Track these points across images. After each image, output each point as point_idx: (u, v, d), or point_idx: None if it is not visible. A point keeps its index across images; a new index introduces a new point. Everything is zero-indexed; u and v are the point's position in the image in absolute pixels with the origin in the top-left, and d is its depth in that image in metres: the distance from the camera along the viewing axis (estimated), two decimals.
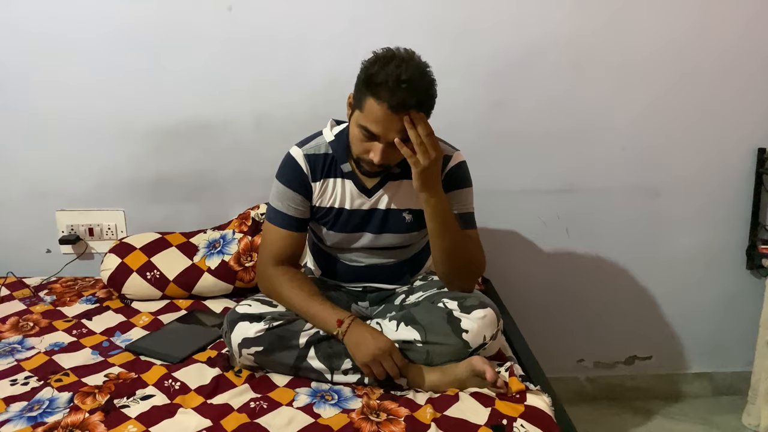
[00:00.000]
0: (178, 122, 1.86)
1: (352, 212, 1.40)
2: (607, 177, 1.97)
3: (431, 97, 1.24)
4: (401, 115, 1.20)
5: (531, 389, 1.23)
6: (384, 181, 1.39)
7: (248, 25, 1.79)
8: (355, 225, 1.42)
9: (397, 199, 1.40)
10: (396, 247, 1.46)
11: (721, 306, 2.09)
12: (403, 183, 1.39)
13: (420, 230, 1.44)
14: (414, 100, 1.20)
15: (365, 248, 1.45)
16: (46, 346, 1.46)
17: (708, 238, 2.03)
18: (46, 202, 1.91)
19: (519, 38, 1.84)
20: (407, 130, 1.21)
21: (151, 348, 1.42)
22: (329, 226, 1.42)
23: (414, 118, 1.21)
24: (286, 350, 1.28)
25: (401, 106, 1.19)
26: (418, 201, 1.37)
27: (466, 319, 1.28)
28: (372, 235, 1.42)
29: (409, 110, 1.20)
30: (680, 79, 1.90)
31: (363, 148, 1.27)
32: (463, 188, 1.40)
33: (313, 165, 1.38)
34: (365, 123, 1.23)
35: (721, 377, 2.15)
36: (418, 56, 1.25)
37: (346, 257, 1.48)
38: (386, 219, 1.41)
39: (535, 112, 1.90)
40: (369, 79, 1.21)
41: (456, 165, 1.40)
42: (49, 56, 1.80)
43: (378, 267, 1.48)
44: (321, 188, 1.39)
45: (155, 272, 1.69)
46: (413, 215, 1.41)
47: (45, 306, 1.67)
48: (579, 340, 2.12)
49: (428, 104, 1.25)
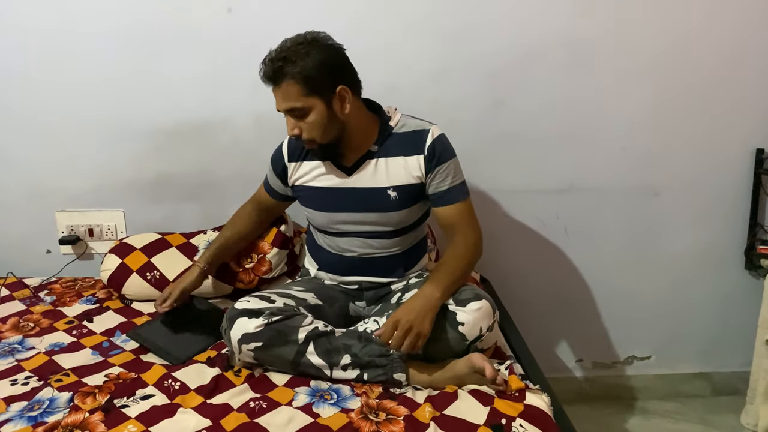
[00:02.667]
0: (178, 122, 1.86)
1: (330, 190, 1.46)
2: (606, 177, 1.97)
3: (293, 62, 1.30)
4: (276, 87, 1.33)
5: (530, 388, 1.24)
6: (362, 161, 1.44)
7: (248, 25, 1.79)
8: (336, 204, 1.47)
9: (378, 177, 1.44)
10: (385, 230, 1.47)
11: (719, 306, 2.09)
12: (381, 161, 1.43)
13: (407, 208, 1.46)
14: (274, 70, 1.31)
15: (355, 232, 1.47)
16: (46, 346, 1.46)
17: (707, 238, 2.03)
18: (46, 203, 1.91)
19: (519, 38, 1.84)
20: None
21: (154, 341, 1.43)
22: (313, 205, 1.51)
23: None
24: (285, 345, 1.29)
25: (268, 78, 1.33)
26: (400, 177, 1.42)
27: (462, 312, 1.29)
28: (357, 214, 1.46)
29: (277, 81, 1.32)
30: (680, 79, 1.90)
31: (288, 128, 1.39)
32: (447, 161, 1.44)
33: (292, 148, 1.52)
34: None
35: (720, 377, 2.15)
36: (314, 33, 1.34)
37: (338, 246, 1.50)
38: (369, 197, 1.44)
39: (534, 112, 1.90)
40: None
41: (437, 138, 1.44)
42: (49, 56, 1.80)
43: (371, 259, 1.49)
44: (296, 168, 1.51)
45: (155, 273, 1.69)
46: (398, 192, 1.44)
47: (45, 306, 1.67)
48: (578, 340, 2.12)
49: (290, 70, 1.30)
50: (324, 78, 1.33)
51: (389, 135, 1.44)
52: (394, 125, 1.45)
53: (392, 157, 1.43)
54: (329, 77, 1.34)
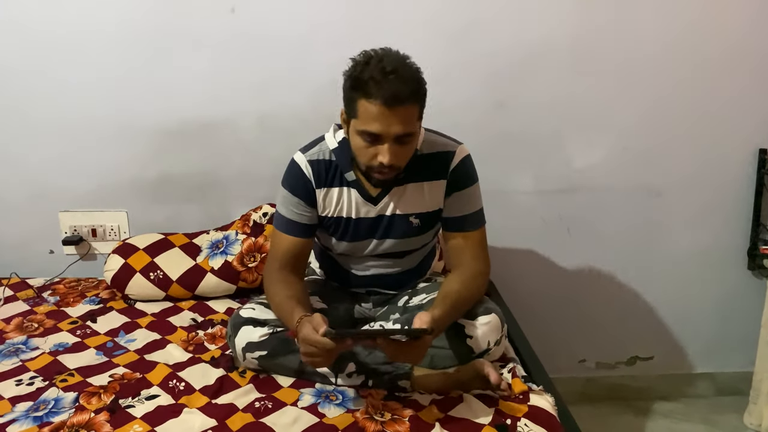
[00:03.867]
0: (181, 122, 1.85)
1: (359, 221, 1.37)
2: (608, 177, 1.96)
3: (421, 83, 1.21)
4: (397, 108, 1.16)
5: (534, 389, 1.24)
6: (389, 188, 1.34)
7: (251, 25, 1.79)
8: (362, 234, 1.39)
9: (403, 204, 1.36)
10: (403, 253, 1.43)
11: (722, 306, 2.09)
12: (407, 187, 1.35)
13: (427, 233, 1.42)
14: (406, 89, 1.16)
15: (373, 255, 1.42)
16: (50, 346, 1.46)
17: (709, 239, 2.03)
18: (49, 203, 1.91)
19: (520, 37, 1.83)
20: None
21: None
22: (338, 236, 1.40)
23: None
24: (290, 354, 1.27)
25: (394, 98, 1.15)
26: (424, 204, 1.35)
27: (470, 325, 1.28)
28: (377, 240, 1.40)
29: (403, 102, 1.16)
30: (682, 79, 1.90)
31: (369, 155, 1.22)
32: (469, 186, 1.36)
33: (317, 171, 1.34)
34: (364, 127, 1.19)
35: (723, 377, 2.15)
36: (395, 50, 1.22)
37: (354, 266, 1.46)
38: (391, 224, 1.37)
39: (536, 112, 1.89)
40: (355, 81, 1.19)
41: (461, 161, 1.35)
42: (51, 56, 1.80)
43: (385, 275, 1.46)
44: (325, 196, 1.35)
45: (158, 273, 1.69)
46: (420, 219, 1.38)
47: (49, 307, 1.67)
48: (580, 341, 2.12)
49: (420, 91, 1.21)
50: (425, 101, 1.24)
51: (414, 158, 1.30)
52: (419, 147, 1.32)
53: (416, 182, 1.34)
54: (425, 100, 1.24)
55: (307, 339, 1.11)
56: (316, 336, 1.10)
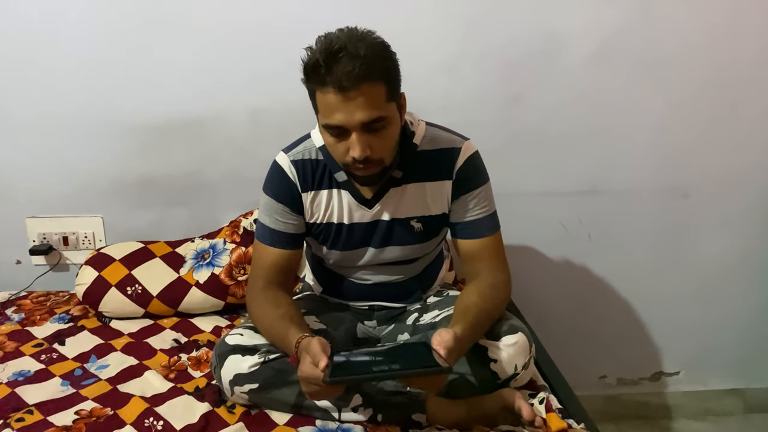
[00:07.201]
0: (165, 118, 1.72)
1: (352, 226, 1.23)
2: (632, 178, 1.86)
3: (382, 57, 1.03)
4: (353, 91, 0.99)
5: (574, 428, 1.08)
6: (385, 189, 1.21)
7: (243, 13, 1.66)
8: (357, 241, 1.25)
9: (403, 207, 1.23)
10: (405, 260, 1.30)
11: (754, 317, 2.01)
12: (407, 188, 1.21)
13: (431, 239, 1.28)
14: (360, 67, 0.98)
15: (372, 264, 1.29)
16: (8, 375, 1.29)
17: (740, 244, 1.94)
18: (15, 208, 1.77)
19: (539, 27, 1.72)
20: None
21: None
22: (330, 244, 1.26)
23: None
24: (285, 387, 1.12)
25: (348, 79, 0.98)
26: (426, 207, 1.22)
27: (494, 347, 1.14)
28: (376, 249, 1.26)
29: (359, 82, 0.99)
30: (712, 73, 1.79)
31: (341, 152, 1.08)
32: (479, 187, 1.22)
33: (302, 173, 1.20)
34: (325, 120, 1.05)
35: (754, 394, 2.07)
36: (353, 27, 1.06)
37: (351, 275, 1.33)
38: (391, 230, 1.24)
39: (555, 108, 1.79)
40: (304, 70, 1.05)
41: (468, 159, 1.21)
42: (18, 43, 1.64)
43: (386, 284, 1.33)
44: (313, 200, 1.22)
45: (137, 287, 1.54)
46: (422, 223, 1.24)
47: (11, 326, 1.51)
48: (601, 355, 2.02)
49: (382, 66, 1.03)
50: (398, 79, 1.08)
51: (413, 155, 1.20)
52: (418, 142, 1.21)
53: (417, 183, 1.21)
54: (399, 79, 1.09)
55: (309, 378, 0.96)
56: (316, 372, 0.94)
